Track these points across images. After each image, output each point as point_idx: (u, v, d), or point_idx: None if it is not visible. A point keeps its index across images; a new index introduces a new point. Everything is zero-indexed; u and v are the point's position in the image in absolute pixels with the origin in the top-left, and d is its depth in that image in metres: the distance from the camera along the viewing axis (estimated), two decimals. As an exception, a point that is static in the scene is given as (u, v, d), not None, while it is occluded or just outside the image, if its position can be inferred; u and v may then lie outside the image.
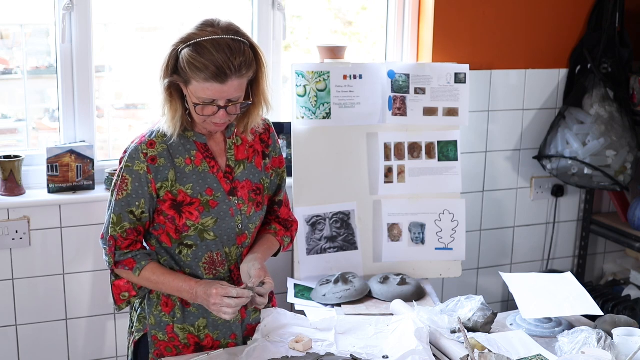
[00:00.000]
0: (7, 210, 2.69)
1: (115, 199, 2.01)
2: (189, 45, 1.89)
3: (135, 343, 2.12)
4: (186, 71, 1.89)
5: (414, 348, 1.94)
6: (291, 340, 2.06)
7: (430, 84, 2.95)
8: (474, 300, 2.27)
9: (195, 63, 1.87)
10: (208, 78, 1.87)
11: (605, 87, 3.28)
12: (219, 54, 1.86)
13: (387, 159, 2.93)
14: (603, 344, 1.96)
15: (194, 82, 1.89)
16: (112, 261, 2.03)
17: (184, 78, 1.91)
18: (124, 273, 2.05)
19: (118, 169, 2.03)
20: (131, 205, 2.00)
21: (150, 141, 2.01)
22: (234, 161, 2.08)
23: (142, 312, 2.11)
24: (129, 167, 1.99)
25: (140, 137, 2.04)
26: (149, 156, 1.99)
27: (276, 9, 2.98)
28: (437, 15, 3.14)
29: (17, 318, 2.78)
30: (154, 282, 2.03)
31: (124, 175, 2.00)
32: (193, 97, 1.92)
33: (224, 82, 1.88)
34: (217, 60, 1.86)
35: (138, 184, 1.99)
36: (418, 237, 2.96)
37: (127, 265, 2.03)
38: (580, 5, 3.39)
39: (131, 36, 3.03)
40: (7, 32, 2.88)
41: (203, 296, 1.97)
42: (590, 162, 3.24)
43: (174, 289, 2.03)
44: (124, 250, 2.03)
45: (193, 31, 1.91)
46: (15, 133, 2.97)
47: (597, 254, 3.76)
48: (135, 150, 2.00)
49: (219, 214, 2.03)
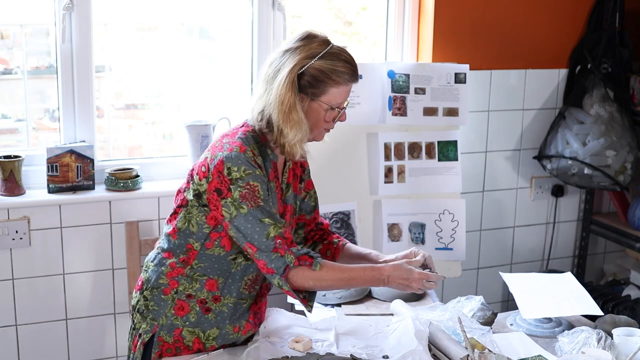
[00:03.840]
0: (7, 210, 2.69)
1: (257, 206, 1.93)
2: (323, 57, 1.96)
3: (144, 344, 2.10)
4: (325, 81, 1.96)
5: (414, 348, 1.93)
6: (291, 340, 2.06)
7: (430, 84, 2.96)
8: (474, 300, 2.27)
9: (337, 68, 1.96)
10: (349, 79, 2.00)
11: (605, 87, 3.28)
12: (349, 57, 2.00)
13: (387, 159, 2.93)
14: (603, 344, 1.96)
15: (333, 89, 1.98)
16: (293, 257, 1.94)
17: (318, 91, 1.97)
18: (300, 271, 1.95)
19: (224, 180, 1.93)
20: (273, 207, 1.97)
21: (251, 150, 1.97)
22: (285, 184, 2.11)
23: (149, 314, 2.09)
24: (251, 174, 1.93)
25: (236, 144, 1.97)
26: (257, 163, 1.97)
27: (276, 9, 2.98)
28: (437, 15, 3.14)
29: (17, 318, 2.78)
30: (336, 278, 1.98)
31: (251, 183, 1.93)
32: (325, 106, 1.99)
33: (357, 80, 2.03)
34: (352, 62, 2.00)
35: (265, 186, 1.96)
36: (418, 237, 2.96)
37: (306, 260, 1.96)
38: (580, 5, 3.39)
39: (131, 36, 3.03)
40: (7, 32, 2.88)
41: (399, 280, 1.98)
42: (590, 162, 3.24)
43: (361, 281, 2.01)
44: (296, 247, 1.96)
45: (310, 45, 1.98)
46: (15, 133, 2.97)
47: (597, 254, 3.76)
48: (244, 157, 1.94)
49: None
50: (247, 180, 1.93)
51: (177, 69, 3.04)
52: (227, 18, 3.06)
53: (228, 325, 2.07)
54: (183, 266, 2.04)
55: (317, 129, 2.04)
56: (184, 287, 2.05)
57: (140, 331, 2.10)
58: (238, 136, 2.00)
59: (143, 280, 2.12)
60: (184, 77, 3.07)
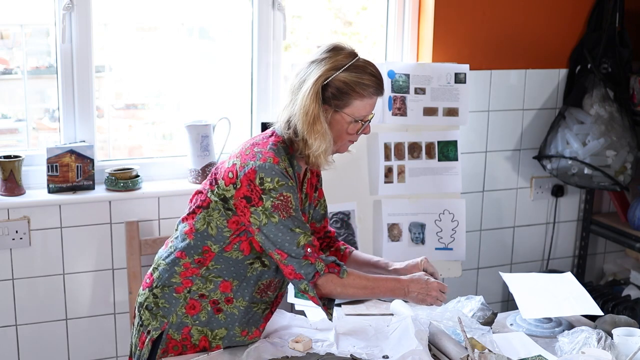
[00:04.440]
0: (7, 210, 2.69)
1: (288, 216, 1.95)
2: (348, 69, 1.97)
3: (152, 341, 2.10)
4: (349, 93, 1.98)
5: (414, 348, 1.94)
6: (291, 340, 2.06)
7: (430, 84, 2.96)
8: (474, 300, 2.27)
9: (362, 81, 1.98)
10: (374, 92, 2.01)
11: (605, 87, 3.28)
12: (375, 70, 2.01)
13: (387, 159, 2.93)
14: (603, 344, 1.96)
15: (357, 102, 1.99)
16: (323, 265, 1.97)
17: (341, 103, 1.99)
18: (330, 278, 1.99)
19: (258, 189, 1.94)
20: (302, 217, 2.00)
21: (284, 162, 1.98)
22: (305, 194, 2.13)
23: (159, 311, 2.09)
24: (284, 185, 1.95)
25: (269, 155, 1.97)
26: (289, 175, 1.98)
27: (276, 9, 2.98)
28: (437, 15, 3.14)
29: (17, 318, 2.78)
30: (361, 286, 2.02)
31: (284, 194, 1.95)
32: (348, 118, 2.00)
33: (382, 94, 2.05)
34: (377, 76, 2.01)
35: (296, 197, 1.98)
36: (418, 237, 2.96)
37: (335, 268, 1.99)
38: (580, 5, 3.39)
39: (131, 36, 3.03)
40: (7, 32, 2.88)
41: (419, 290, 2.02)
42: (590, 162, 3.24)
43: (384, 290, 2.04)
44: (323, 255, 2.00)
45: (336, 57, 1.99)
46: (15, 133, 2.97)
47: (597, 254, 3.76)
48: (277, 168, 1.95)
49: None
50: (280, 192, 1.95)
51: (177, 69, 3.04)
52: (227, 18, 3.06)
53: (237, 328, 2.08)
54: (198, 267, 2.05)
55: (341, 140, 2.06)
56: (197, 286, 2.06)
57: (149, 328, 2.10)
58: (270, 147, 2.00)
59: (154, 277, 2.12)
60: (184, 77, 3.06)
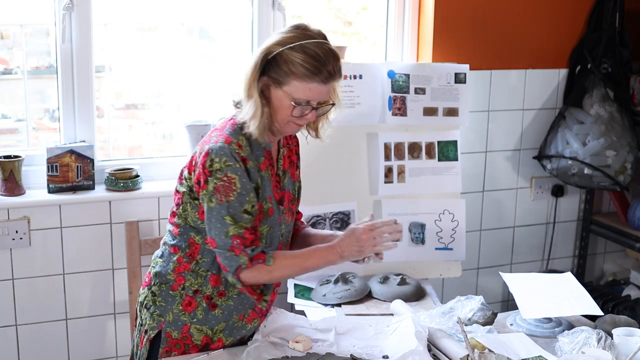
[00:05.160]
0: (7, 210, 2.69)
1: (227, 201, 1.94)
2: (291, 47, 1.92)
3: (150, 341, 2.10)
4: (287, 71, 1.93)
5: (414, 348, 1.94)
6: (291, 340, 2.06)
7: (430, 84, 2.95)
8: (474, 300, 2.27)
9: (302, 63, 1.91)
10: (314, 77, 1.93)
11: (605, 87, 3.28)
12: (324, 55, 1.93)
13: (387, 159, 2.92)
14: (603, 344, 1.96)
15: (295, 82, 1.93)
16: (247, 259, 1.96)
17: (281, 79, 1.94)
18: (257, 269, 1.97)
19: (204, 171, 1.95)
20: (244, 204, 1.95)
21: (237, 142, 1.97)
22: (281, 170, 2.11)
23: (156, 310, 2.09)
24: (230, 166, 1.94)
25: (224, 137, 1.98)
26: (241, 156, 1.97)
27: (276, 9, 2.98)
28: (437, 15, 3.14)
29: (17, 318, 2.78)
30: (290, 265, 2.01)
31: (228, 175, 1.93)
32: (287, 97, 1.95)
33: (326, 82, 1.95)
34: (324, 60, 1.92)
35: (245, 180, 1.95)
36: (418, 237, 2.96)
37: (259, 258, 1.97)
38: (580, 5, 3.39)
39: (131, 36, 3.03)
40: (7, 32, 2.88)
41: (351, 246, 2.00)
42: (590, 162, 3.24)
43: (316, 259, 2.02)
44: (252, 247, 1.98)
45: (288, 34, 1.96)
46: (15, 133, 2.97)
47: (597, 254, 3.76)
48: (227, 149, 1.95)
49: (272, 223, 2.05)
50: (225, 172, 1.94)
51: (177, 69, 3.04)
52: (227, 18, 3.06)
53: (235, 316, 2.08)
54: (189, 261, 2.06)
55: (282, 119, 2.00)
56: (190, 282, 2.06)
57: (146, 327, 2.10)
58: (227, 129, 2.02)
59: (151, 275, 2.13)
60: (184, 77, 3.06)
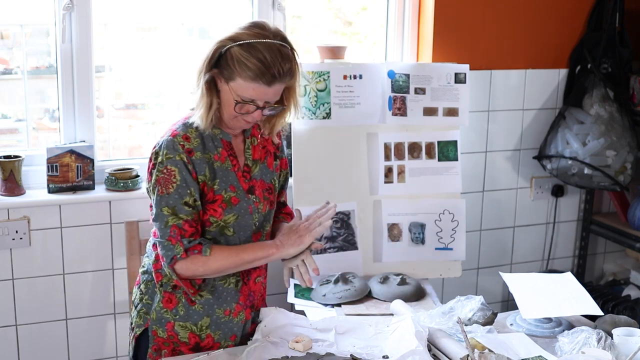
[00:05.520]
0: (7, 210, 2.69)
1: (167, 193, 1.96)
2: (240, 45, 1.91)
3: (136, 338, 2.12)
4: (233, 69, 1.92)
5: (414, 348, 1.93)
6: (291, 340, 2.06)
7: (430, 84, 2.95)
8: (474, 300, 2.27)
9: (246, 62, 1.91)
10: (257, 78, 1.92)
11: (605, 87, 3.28)
12: (271, 58, 1.91)
13: (387, 159, 2.92)
14: (603, 344, 1.96)
15: (240, 80, 1.93)
16: (182, 249, 1.97)
17: (228, 75, 1.94)
18: (192, 260, 1.98)
19: (152, 166, 1.99)
20: (184, 196, 1.97)
21: (184, 135, 2.00)
22: (251, 160, 2.13)
23: (142, 308, 2.11)
24: (171, 159, 1.96)
25: (172, 130, 2.02)
26: (186, 148, 1.99)
27: (276, 9, 2.98)
28: (437, 15, 3.14)
29: (17, 318, 2.78)
30: (226, 257, 2.01)
31: (168, 167, 1.96)
32: (233, 93, 1.95)
33: (271, 84, 1.94)
34: (269, 63, 1.91)
35: (185, 173, 1.97)
36: (418, 237, 2.96)
37: (195, 249, 1.99)
38: (580, 5, 3.39)
39: (131, 36, 3.03)
40: (7, 32, 2.88)
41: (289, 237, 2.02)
42: (590, 162, 3.24)
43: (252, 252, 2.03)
44: (189, 238, 1.99)
45: (242, 31, 1.95)
46: (15, 133, 2.97)
47: (597, 254, 3.76)
48: (172, 142, 1.98)
49: (240, 211, 2.06)
50: (165, 165, 1.97)
51: (177, 69, 3.04)
52: (227, 18, 3.06)
53: (217, 310, 2.09)
54: None
55: (228, 113, 2.01)
56: (167, 278, 2.08)
57: (133, 325, 2.14)
58: (178, 123, 2.05)
59: (140, 274, 2.18)
60: (184, 77, 3.06)
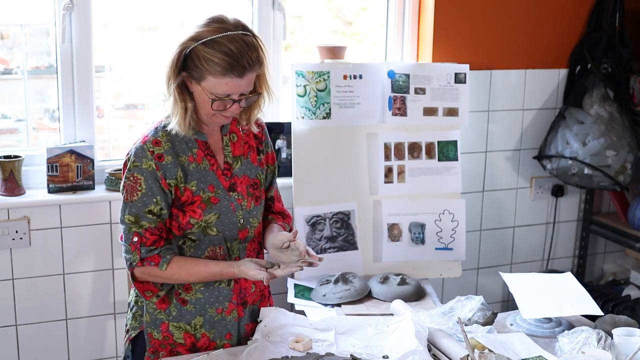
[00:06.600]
0: (7, 210, 2.69)
1: (130, 200, 1.99)
2: (203, 43, 1.90)
3: (131, 341, 2.12)
4: (202, 68, 1.91)
5: (414, 348, 1.93)
6: (291, 340, 2.06)
7: (430, 84, 2.95)
8: (474, 300, 2.27)
9: (213, 59, 1.89)
10: (227, 73, 1.90)
11: (605, 87, 3.28)
12: (237, 49, 1.90)
13: (387, 159, 2.92)
14: (603, 344, 1.96)
15: (210, 78, 1.92)
16: (138, 258, 1.99)
17: (197, 75, 1.93)
18: (149, 270, 2.01)
19: (124, 171, 2.02)
20: (148, 205, 1.98)
21: (154, 140, 2.01)
22: (231, 157, 2.11)
23: (137, 310, 2.11)
24: (137, 167, 1.98)
25: (143, 137, 2.04)
26: (155, 154, 1.99)
27: (276, 9, 2.98)
28: (437, 15, 3.14)
29: (17, 318, 2.78)
30: (182, 274, 2.01)
31: (135, 175, 1.99)
32: (207, 92, 1.94)
33: (242, 76, 1.92)
34: (236, 55, 1.90)
35: (151, 181, 1.98)
36: (418, 237, 2.96)
37: (152, 260, 2.00)
38: (580, 5, 3.39)
39: (131, 36, 3.03)
40: (7, 32, 2.88)
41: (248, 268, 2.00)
42: (590, 162, 3.24)
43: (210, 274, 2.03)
44: (150, 247, 2.00)
45: (203, 29, 1.93)
46: (15, 133, 2.97)
47: (597, 254, 3.76)
48: (141, 149, 2.00)
49: (221, 210, 2.05)
50: (132, 172, 2.00)
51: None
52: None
53: (210, 309, 2.09)
54: None
55: (206, 112, 2.00)
56: None
57: (128, 327, 2.14)
58: (150, 129, 2.06)
59: None
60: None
